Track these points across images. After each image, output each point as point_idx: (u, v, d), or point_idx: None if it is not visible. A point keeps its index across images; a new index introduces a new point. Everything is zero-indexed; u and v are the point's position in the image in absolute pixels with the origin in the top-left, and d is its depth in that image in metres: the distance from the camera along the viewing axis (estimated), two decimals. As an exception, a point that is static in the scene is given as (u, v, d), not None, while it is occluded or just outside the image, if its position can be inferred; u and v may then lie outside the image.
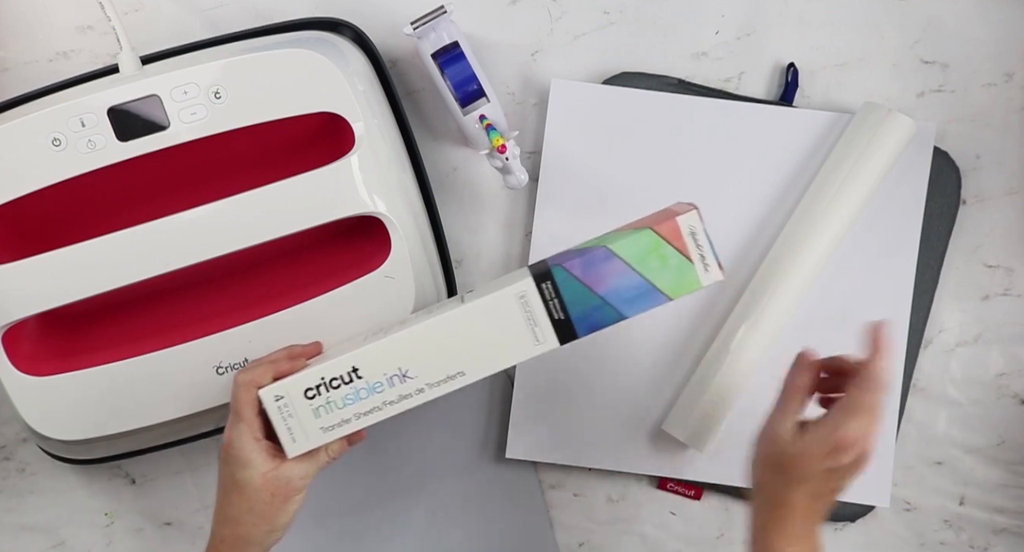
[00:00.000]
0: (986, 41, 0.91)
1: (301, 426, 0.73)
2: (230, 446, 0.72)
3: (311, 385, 0.73)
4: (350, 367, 0.73)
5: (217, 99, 0.77)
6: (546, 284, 0.72)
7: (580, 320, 0.72)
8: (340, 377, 0.73)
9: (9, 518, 0.90)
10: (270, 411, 0.73)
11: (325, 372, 0.73)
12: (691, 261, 0.72)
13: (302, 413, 0.73)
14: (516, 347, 0.73)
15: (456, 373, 0.73)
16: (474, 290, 0.78)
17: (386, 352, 0.73)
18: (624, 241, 0.72)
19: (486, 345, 0.73)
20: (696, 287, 0.72)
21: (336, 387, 0.73)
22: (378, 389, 0.73)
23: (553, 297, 0.72)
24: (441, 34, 0.83)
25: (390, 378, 0.73)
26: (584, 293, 0.72)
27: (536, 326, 0.72)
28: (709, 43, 0.91)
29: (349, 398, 0.73)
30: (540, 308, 0.72)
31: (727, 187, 0.89)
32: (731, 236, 0.89)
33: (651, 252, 0.72)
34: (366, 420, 0.73)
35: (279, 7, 0.88)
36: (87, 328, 0.84)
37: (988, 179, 0.91)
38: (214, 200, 0.78)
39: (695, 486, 0.91)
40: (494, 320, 0.73)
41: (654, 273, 0.72)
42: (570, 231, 0.88)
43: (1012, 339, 0.91)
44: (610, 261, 0.72)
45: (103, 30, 0.88)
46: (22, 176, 0.76)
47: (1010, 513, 0.91)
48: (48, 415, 0.80)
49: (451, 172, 0.90)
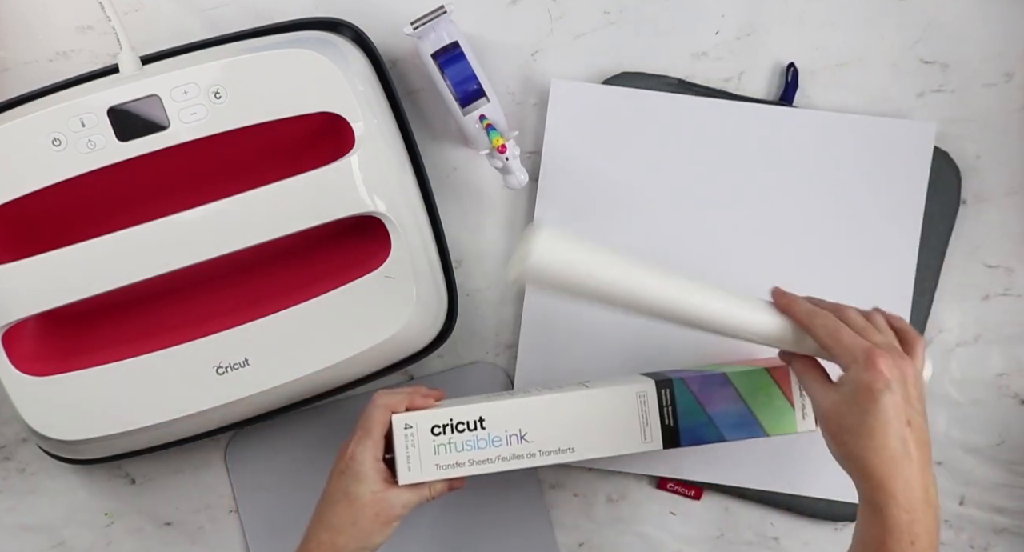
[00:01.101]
0: (986, 41, 0.91)
1: (419, 458, 0.78)
2: (352, 459, 0.76)
3: (440, 423, 0.79)
4: (478, 416, 0.79)
5: (217, 99, 0.77)
6: (665, 391, 0.80)
7: (686, 431, 0.80)
8: (467, 423, 0.79)
9: (9, 518, 0.90)
10: (397, 436, 0.78)
11: (455, 415, 0.79)
12: (793, 407, 0.80)
13: (424, 446, 0.78)
14: (625, 439, 0.79)
15: (567, 448, 0.79)
16: (592, 380, 0.83)
17: (512, 411, 0.79)
18: (741, 373, 0.80)
19: (599, 430, 0.79)
20: (792, 430, 0.81)
21: (461, 431, 0.79)
22: (496, 443, 0.79)
23: (668, 404, 0.80)
24: (441, 34, 0.83)
25: (509, 436, 0.79)
26: (695, 408, 0.80)
27: (647, 425, 0.79)
28: (709, 43, 0.91)
29: (469, 444, 0.79)
30: (655, 410, 0.80)
31: (727, 187, 0.89)
32: (730, 236, 0.89)
33: (761, 389, 0.80)
34: (476, 468, 0.79)
35: (279, 7, 0.88)
36: (87, 328, 0.84)
37: (988, 179, 0.91)
38: (214, 200, 0.78)
39: (695, 486, 0.91)
40: (612, 409, 0.79)
41: (760, 408, 0.80)
42: (570, 231, 0.88)
43: (1012, 339, 0.91)
44: (725, 387, 0.80)
45: (103, 30, 0.88)
46: (22, 176, 0.76)
47: (1010, 513, 0.91)
48: (48, 415, 0.80)
49: (451, 172, 0.90)
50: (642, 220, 0.89)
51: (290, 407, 0.84)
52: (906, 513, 0.67)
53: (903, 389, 0.70)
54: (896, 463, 0.68)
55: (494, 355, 0.91)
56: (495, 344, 0.91)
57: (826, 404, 0.72)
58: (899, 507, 0.68)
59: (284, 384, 0.80)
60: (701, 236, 0.89)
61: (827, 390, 0.73)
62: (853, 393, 0.70)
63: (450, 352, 0.91)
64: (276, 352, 0.80)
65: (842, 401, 0.71)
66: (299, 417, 0.89)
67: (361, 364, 0.82)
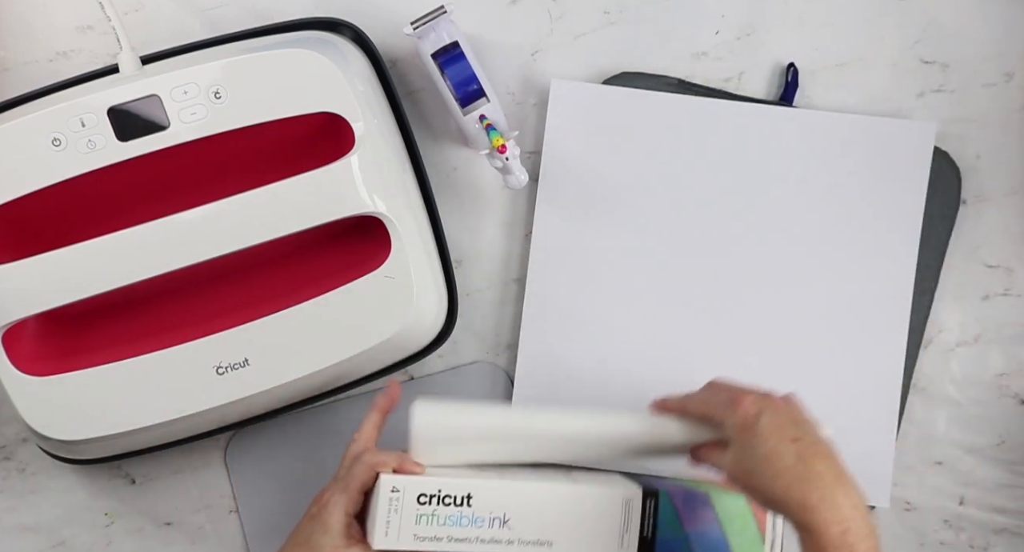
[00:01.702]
0: (986, 41, 0.91)
1: (399, 524, 0.75)
2: (324, 509, 0.75)
3: (427, 492, 0.76)
4: (467, 493, 0.77)
5: (217, 99, 0.77)
6: (651, 501, 0.79)
7: (662, 543, 0.79)
8: (454, 498, 0.76)
9: (9, 518, 0.90)
10: (381, 498, 0.75)
11: (444, 486, 0.76)
12: (763, 540, 0.80)
13: (407, 513, 0.75)
14: (603, 542, 0.78)
15: (546, 541, 0.77)
16: (578, 473, 0.82)
17: (500, 493, 0.77)
18: (723, 497, 0.80)
19: (580, 528, 0.77)
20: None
21: (447, 504, 0.76)
22: (479, 523, 0.77)
23: (651, 515, 0.79)
24: (441, 34, 0.83)
25: (493, 518, 0.77)
26: (675, 523, 0.79)
27: (627, 532, 0.78)
28: (709, 43, 0.91)
29: (452, 518, 0.76)
30: (637, 519, 0.78)
31: (727, 187, 0.89)
32: (730, 235, 0.89)
33: (739, 516, 0.80)
34: (453, 546, 0.76)
35: (279, 7, 0.87)
36: (87, 328, 0.84)
37: (988, 179, 0.91)
38: (214, 200, 0.78)
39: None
40: (597, 510, 0.78)
41: (733, 534, 0.79)
42: (570, 231, 0.89)
43: (1012, 339, 0.91)
44: (705, 508, 0.80)
45: (103, 30, 0.88)
46: (22, 176, 0.76)
47: (1010, 513, 0.91)
48: (48, 415, 0.80)
49: (451, 172, 0.90)
50: (642, 220, 0.89)
51: (290, 407, 0.84)
52: (835, 525, 0.67)
53: (776, 415, 0.71)
54: (805, 481, 0.68)
55: (494, 355, 0.91)
56: (495, 344, 0.91)
57: (725, 463, 0.73)
58: (826, 521, 0.67)
59: (284, 384, 0.80)
60: (701, 235, 0.89)
61: (722, 452, 0.74)
62: (736, 439, 0.72)
63: (450, 352, 0.91)
64: (276, 352, 0.80)
65: (733, 452, 0.72)
66: (299, 417, 0.89)
67: (361, 364, 0.82)
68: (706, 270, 0.89)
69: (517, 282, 0.91)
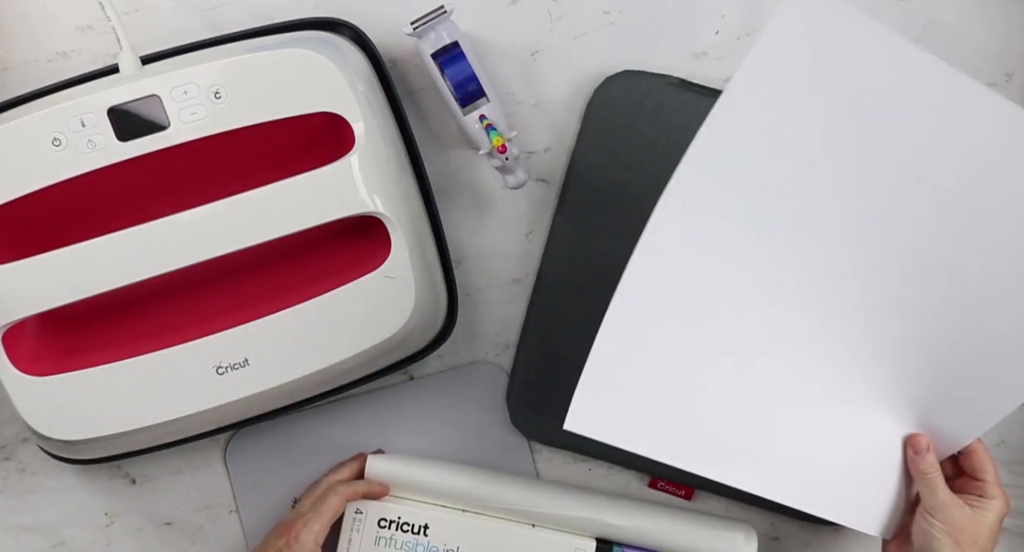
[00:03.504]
0: (986, 41, 0.91)
1: (360, 544, 0.84)
2: (295, 538, 0.80)
3: (387, 517, 0.84)
4: (424, 522, 0.84)
5: (217, 99, 0.77)
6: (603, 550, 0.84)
7: None
8: (412, 525, 0.84)
9: (9, 518, 0.90)
10: (346, 518, 0.84)
11: (403, 514, 0.84)
12: None
13: (367, 534, 0.84)
14: None
15: None
16: (541, 523, 0.86)
17: (454, 526, 0.84)
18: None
19: None
20: None
21: (405, 531, 0.84)
22: (432, 551, 0.84)
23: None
24: (441, 34, 0.83)
25: (446, 550, 0.84)
26: None
27: None
28: (709, 43, 0.91)
29: (408, 545, 0.84)
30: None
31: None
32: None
33: None
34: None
35: (279, 7, 0.88)
36: (87, 328, 0.84)
37: (988, 179, 0.91)
38: (214, 200, 0.78)
39: (685, 486, 0.91)
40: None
41: None
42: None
43: (1012, 339, 0.91)
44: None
45: (103, 30, 0.88)
46: (22, 176, 0.76)
47: (1011, 513, 0.91)
48: (48, 415, 0.80)
49: (451, 172, 0.90)
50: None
51: (290, 407, 0.84)
52: None
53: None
54: None
55: (494, 355, 0.91)
56: (495, 344, 0.91)
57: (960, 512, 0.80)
58: None
59: (284, 384, 0.80)
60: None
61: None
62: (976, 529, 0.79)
63: (450, 352, 0.91)
64: (276, 352, 0.80)
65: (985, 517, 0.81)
66: (299, 417, 0.89)
67: (361, 364, 0.82)
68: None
69: (517, 282, 0.91)
